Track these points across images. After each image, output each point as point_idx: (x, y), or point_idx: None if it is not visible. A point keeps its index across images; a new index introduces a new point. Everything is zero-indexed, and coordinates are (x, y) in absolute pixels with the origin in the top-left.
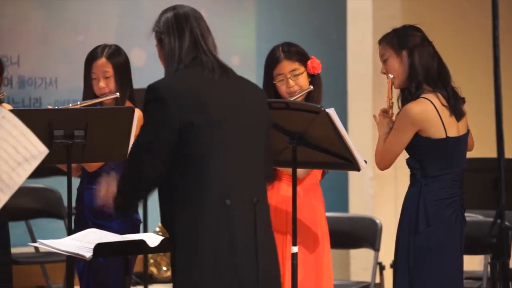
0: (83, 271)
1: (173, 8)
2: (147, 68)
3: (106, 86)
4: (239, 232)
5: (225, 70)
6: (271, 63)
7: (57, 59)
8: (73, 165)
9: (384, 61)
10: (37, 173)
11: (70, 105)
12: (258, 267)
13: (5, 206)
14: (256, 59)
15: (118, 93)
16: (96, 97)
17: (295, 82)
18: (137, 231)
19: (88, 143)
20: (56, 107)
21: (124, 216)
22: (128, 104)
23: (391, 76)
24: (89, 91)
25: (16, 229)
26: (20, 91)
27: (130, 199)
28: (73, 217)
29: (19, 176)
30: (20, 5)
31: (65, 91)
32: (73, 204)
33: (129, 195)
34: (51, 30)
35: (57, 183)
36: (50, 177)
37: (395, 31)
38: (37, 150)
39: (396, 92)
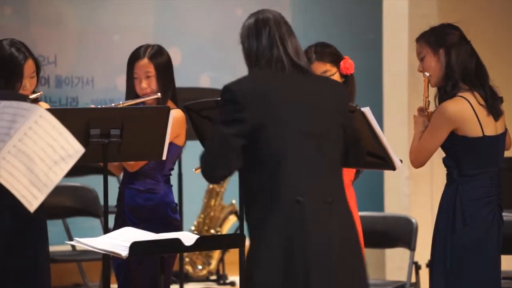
0: (120, 269)
1: (256, 13)
2: (183, 67)
3: (148, 87)
4: (312, 230)
5: (300, 70)
6: None
7: (93, 59)
8: (115, 164)
9: (421, 59)
10: (74, 171)
11: (113, 104)
12: (333, 267)
13: (42, 204)
14: None
15: (159, 93)
16: (138, 97)
17: None
18: (176, 230)
19: (124, 142)
20: (98, 107)
21: None
22: (170, 104)
23: (427, 74)
24: (131, 91)
25: (54, 227)
26: (57, 90)
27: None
28: (109, 216)
29: (56, 174)
30: (56, 5)
31: (101, 90)
32: (110, 203)
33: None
34: (87, 29)
35: (94, 182)
36: (87, 176)
37: (432, 30)
38: (74, 149)
39: (433, 91)
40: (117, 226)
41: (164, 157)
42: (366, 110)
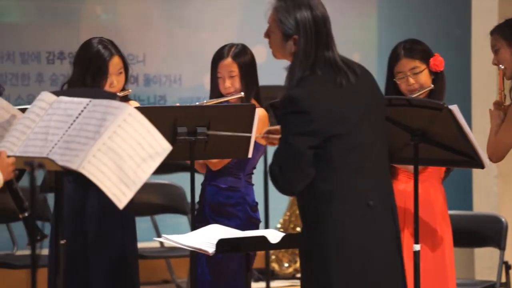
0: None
1: (309, 6)
2: (268, 65)
3: (232, 86)
4: (383, 232)
5: (355, 72)
6: (392, 60)
7: (181, 57)
8: (200, 162)
9: (496, 52)
10: (161, 169)
11: (197, 104)
12: (401, 267)
13: (131, 201)
14: (377, 55)
15: (243, 93)
16: (222, 96)
17: (415, 79)
18: (255, 229)
19: (210, 140)
20: (184, 105)
21: None
22: (253, 102)
23: (502, 67)
24: (215, 90)
25: (142, 224)
26: (145, 88)
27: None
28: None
29: (144, 172)
30: (145, 5)
31: (189, 88)
32: (197, 200)
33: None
34: (175, 28)
35: (181, 179)
36: (174, 174)
37: (507, 22)
38: (161, 147)
39: (508, 84)
40: (198, 223)
41: (250, 155)
42: (454, 108)
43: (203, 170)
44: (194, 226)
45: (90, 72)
